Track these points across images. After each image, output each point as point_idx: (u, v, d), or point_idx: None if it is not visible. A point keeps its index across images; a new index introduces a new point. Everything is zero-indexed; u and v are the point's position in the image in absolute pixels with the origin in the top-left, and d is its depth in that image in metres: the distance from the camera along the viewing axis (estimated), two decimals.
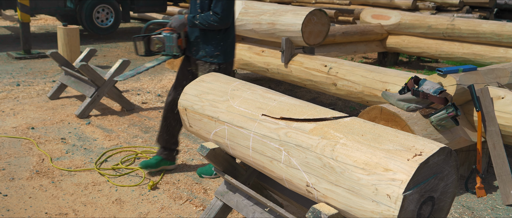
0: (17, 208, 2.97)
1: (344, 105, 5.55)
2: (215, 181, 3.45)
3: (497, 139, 3.31)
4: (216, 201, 2.63)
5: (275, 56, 5.10)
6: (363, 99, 4.14)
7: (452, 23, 6.42)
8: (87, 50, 5.34)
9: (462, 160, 3.59)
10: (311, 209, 1.85)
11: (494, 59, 6.03)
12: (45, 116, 4.75)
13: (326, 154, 1.84)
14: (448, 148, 1.71)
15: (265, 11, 5.00)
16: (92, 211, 2.97)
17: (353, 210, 1.76)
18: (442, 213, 1.82)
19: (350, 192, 1.75)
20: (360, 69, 4.21)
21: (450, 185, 1.79)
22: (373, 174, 1.68)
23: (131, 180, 3.43)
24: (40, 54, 7.69)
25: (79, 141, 4.13)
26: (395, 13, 7.08)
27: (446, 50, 6.56)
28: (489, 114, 3.33)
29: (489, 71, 3.72)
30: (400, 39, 6.99)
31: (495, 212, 3.16)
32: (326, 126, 1.95)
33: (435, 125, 3.19)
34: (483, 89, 3.37)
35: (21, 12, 7.39)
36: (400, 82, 3.75)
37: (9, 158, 3.71)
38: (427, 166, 1.65)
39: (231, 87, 2.50)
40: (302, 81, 4.80)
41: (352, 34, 6.62)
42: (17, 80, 6.14)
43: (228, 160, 2.55)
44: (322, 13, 4.71)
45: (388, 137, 1.80)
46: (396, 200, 1.60)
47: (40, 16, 12.75)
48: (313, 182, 1.90)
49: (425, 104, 3.23)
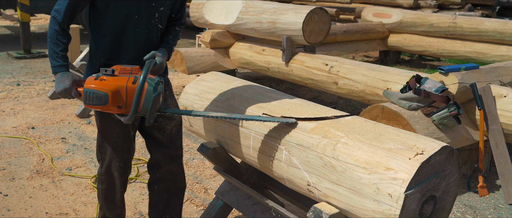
0: (17, 208, 2.96)
1: (345, 104, 5.54)
2: (215, 181, 3.43)
3: (499, 137, 3.29)
4: (217, 201, 2.62)
5: (276, 55, 5.08)
6: (365, 98, 4.12)
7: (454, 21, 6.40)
8: (87, 49, 5.34)
9: (464, 159, 3.57)
10: (312, 209, 1.84)
11: (496, 57, 6.01)
12: (45, 116, 4.74)
13: (327, 153, 1.83)
14: (450, 147, 1.69)
15: (266, 10, 4.99)
16: (92, 211, 2.96)
17: (355, 210, 1.74)
18: (444, 212, 1.81)
19: (352, 191, 1.73)
20: (362, 68, 4.19)
21: (452, 184, 1.77)
22: (374, 173, 1.67)
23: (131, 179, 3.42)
24: (40, 53, 7.69)
25: (79, 140, 4.12)
26: (396, 11, 7.05)
27: (448, 49, 6.54)
28: (492, 112, 3.31)
29: (491, 69, 3.70)
30: (402, 38, 6.97)
31: (498, 211, 3.14)
32: (327, 125, 1.94)
33: (437, 124, 3.17)
34: (485, 87, 3.35)
35: (21, 12, 7.39)
36: (402, 80, 3.73)
37: (10, 158, 3.70)
38: (429, 165, 1.64)
39: (231, 86, 2.48)
40: (303, 80, 4.79)
41: (353, 32, 6.60)
42: (17, 80, 6.13)
43: (229, 160, 2.53)
44: (323, 12, 4.69)
45: (389, 136, 1.78)
46: (397, 199, 1.59)
47: (40, 16, 12.75)
48: (314, 181, 1.89)
49: (426, 103, 3.21)
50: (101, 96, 1.88)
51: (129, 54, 2.15)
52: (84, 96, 1.90)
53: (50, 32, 2.04)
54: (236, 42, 5.68)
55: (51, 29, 2.04)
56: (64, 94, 2.02)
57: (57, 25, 2.02)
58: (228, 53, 5.69)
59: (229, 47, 5.71)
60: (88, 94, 1.89)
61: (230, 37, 5.64)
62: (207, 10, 5.69)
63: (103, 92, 1.87)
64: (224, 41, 5.61)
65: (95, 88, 1.88)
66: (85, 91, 1.89)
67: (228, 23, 5.41)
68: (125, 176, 2.33)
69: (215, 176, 3.52)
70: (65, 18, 2.03)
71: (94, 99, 1.89)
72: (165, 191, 2.42)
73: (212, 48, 5.58)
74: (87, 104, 1.92)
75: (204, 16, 5.69)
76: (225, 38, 5.60)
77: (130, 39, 2.13)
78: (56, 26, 2.03)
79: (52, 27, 2.04)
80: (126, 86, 1.89)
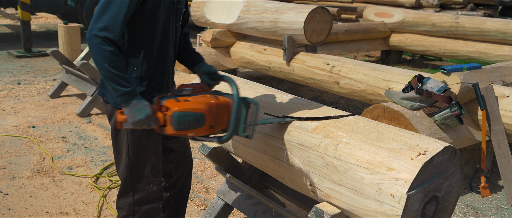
0: (18, 207, 2.95)
1: (346, 103, 5.52)
2: (216, 180, 3.42)
3: (502, 138, 3.28)
4: (218, 201, 2.61)
5: (277, 54, 5.07)
6: (366, 97, 4.11)
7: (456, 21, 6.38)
8: (88, 48, 5.33)
9: (466, 159, 3.56)
10: (314, 209, 1.83)
11: (499, 57, 5.99)
12: (46, 115, 4.73)
13: (329, 153, 1.82)
14: (452, 147, 1.68)
15: (267, 9, 4.97)
16: (93, 210, 2.95)
17: (356, 210, 1.73)
18: (446, 213, 1.79)
19: (353, 191, 1.72)
20: (363, 67, 4.18)
21: (454, 184, 1.76)
22: (376, 173, 1.66)
23: None
24: (41, 52, 7.69)
25: (80, 140, 4.12)
26: (398, 11, 7.04)
27: (450, 48, 6.52)
28: (494, 112, 3.30)
29: (494, 69, 3.69)
30: (404, 37, 6.95)
31: (500, 212, 3.13)
32: (328, 125, 1.93)
33: (439, 124, 3.15)
34: (488, 87, 3.34)
35: (21, 10, 7.39)
36: (404, 80, 3.72)
37: (10, 157, 3.69)
38: (431, 165, 1.63)
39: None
40: (304, 79, 4.77)
41: (355, 32, 6.58)
42: (17, 79, 6.13)
43: (230, 159, 2.52)
44: (324, 11, 4.68)
45: (391, 136, 1.77)
46: (399, 200, 1.58)
47: (41, 14, 12.75)
48: (315, 182, 1.88)
49: (429, 103, 3.20)
50: (198, 118, 1.71)
51: (163, 64, 1.91)
52: (177, 121, 1.69)
53: (102, 56, 1.67)
54: (237, 41, 5.67)
55: (103, 52, 1.67)
56: (144, 122, 1.71)
57: (111, 45, 1.68)
58: (229, 52, 5.68)
59: (230, 46, 5.70)
60: (184, 118, 1.69)
61: (231, 36, 5.63)
62: (208, 9, 5.68)
63: (200, 113, 1.71)
64: (225, 40, 5.59)
65: (191, 110, 1.70)
66: (178, 115, 1.68)
67: (229, 22, 5.40)
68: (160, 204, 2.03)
69: (216, 175, 3.51)
70: (120, 33, 1.70)
71: (191, 123, 1.70)
72: (172, 197, 2.29)
73: (213, 47, 5.57)
74: (179, 129, 1.70)
75: (205, 15, 5.68)
76: (226, 37, 5.59)
77: (168, 46, 1.91)
78: (110, 46, 1.68)
79: (104, 49, 1.67)
80: (216, 104, 1.76)
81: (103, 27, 1.68)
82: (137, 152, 1.91)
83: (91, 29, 1.69)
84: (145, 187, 1.96)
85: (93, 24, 1.69)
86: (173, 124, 1.69)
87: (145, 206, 1.98)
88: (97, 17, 1.70)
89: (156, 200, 2.00)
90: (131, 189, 1.96)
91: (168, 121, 1.71)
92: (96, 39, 1.67)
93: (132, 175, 1.94)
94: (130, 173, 1.94)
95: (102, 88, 1.94)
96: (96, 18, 1.70)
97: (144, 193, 1.96)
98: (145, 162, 1.93)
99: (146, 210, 1.99)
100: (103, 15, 1.69)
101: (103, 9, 1.70)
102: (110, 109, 1.93)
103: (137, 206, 1.96)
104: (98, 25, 1.68)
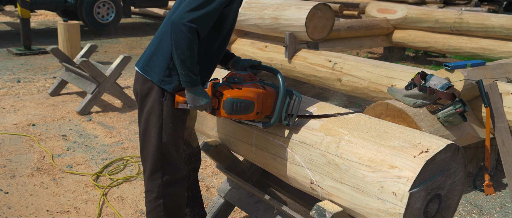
0: (18, 206, 2.94)
1: (349, 101, 5.49)
2: (217, 179, 3.40)
3: (506, 135, 3.25)
4: (219, 199, 2.60)
5: (279, 51, 5.04)
6: (369, 95, 4.08)
7: (460, 17, 6.33)
8: (88, 46, 5.31)
9: (470, 157, 3.53)
10: (315, 207, 1.81)
11: (503, 53, 5.94)
12: (46, 113, 4.72)
13: (331, 151, 1.80)
14: (455, 145, 1.66)
15: (268, 5, 4.95)
16: (93, 208, 2.94)
17: (358, 208, 1.71)
18: (449, 211, 1.77)
19: (355, 189, 1.71)
20: (366, 64, 4.15)
21: (457, 182, 1.74)
22: (378, 171, 1.64)
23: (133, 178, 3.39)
24: (40, 50, 7.68)
25: (80, 138, 4.10)
26: (401, 7, 6.99)
27: (453, 45, 6.47)
28: (498, 110, 3.27)
29: (498, 66, 3.65)
30: (407, 34, 6.90)
31: (504, 210, 3.10)
32: (330, 123, 1.91)
33: (442, 121, 3.13)
34: (492, 84, 3.30)
35: (21, 8, 7.37)
36: (407, 77, 3.69)
37: (10, 155, 3.68)
38: (434, 163, 1.61)
39: None
40: (306, 76, 4.74)
41: (357, 28, 6.55)
42: (17, 77, 6.12)
43: (231, 157, 2.50)
44: (326, 7, 4.64)
45: (394, 133, 1.75)
46: (402, 198, 1.56)
47: (40, 12, 12.75)
48: (317, 180, 1.86)
49: (432, 100, 3.17)
50: (248, 105, 1.90)
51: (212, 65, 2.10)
52: (230, 106, 1.89)
53: (187, 42, 1.80)
54: (238, 38, 5.64)
55: (189, 39, 1.80)
56: (205, 107, 1.93)
57: (196, 36, 1.84)
58: (230, 49, 5.66)
59: (231, 43, 5.67)
60: (236, 103, 1.89)
61: (232, 33, 5.60)
62: None
63: (250, 101, 1.90)
64: None
65: (243, 98, 1.89)
66: (231, 101, 1.89)
67: None
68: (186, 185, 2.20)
69: (217, 174, 3.50)
70: (205, 33, 1.90)
71: (241, 109, 1.90)
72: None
73: None
74: (231, 113, 1.91)
75: None
76: None
77: (222, 49, 2.09)
78: (196, 37, 1.84)
79: (191, 37, 1.81)
80: (264, 94, 1.94)
81: (196, 20, 1.81)
82: (169, 134, 2.04)
83: (181, 17, 1.80)
84: (173, 168, 2.09)
85: (186, 14, 1.80)
86: (226, 108, 1.91)
87: (173, 186, 2.11)
88: (192, 9, 1.81)
89: (182, 180, 2.14)
90: (161, 170, 2.07)
91: (222, 106, 1.92)
92: (186, 27, 1.80)
93: (163, 156, 2.06)
94: (161, 154, 2.05)
95: (147, 66, 2.01)
96: (190, 10, 1.81)
97: (172, 174, 2.09)
98: (174, 145, 2.07)
99: (174, 191, 2.12)
100: (199, 10, 1.81)
101: (200, 5, 1.82)
102: (148, 87, 2.01)
103: (166, 188, 2.09)
104: (191, 16, 1.80)
